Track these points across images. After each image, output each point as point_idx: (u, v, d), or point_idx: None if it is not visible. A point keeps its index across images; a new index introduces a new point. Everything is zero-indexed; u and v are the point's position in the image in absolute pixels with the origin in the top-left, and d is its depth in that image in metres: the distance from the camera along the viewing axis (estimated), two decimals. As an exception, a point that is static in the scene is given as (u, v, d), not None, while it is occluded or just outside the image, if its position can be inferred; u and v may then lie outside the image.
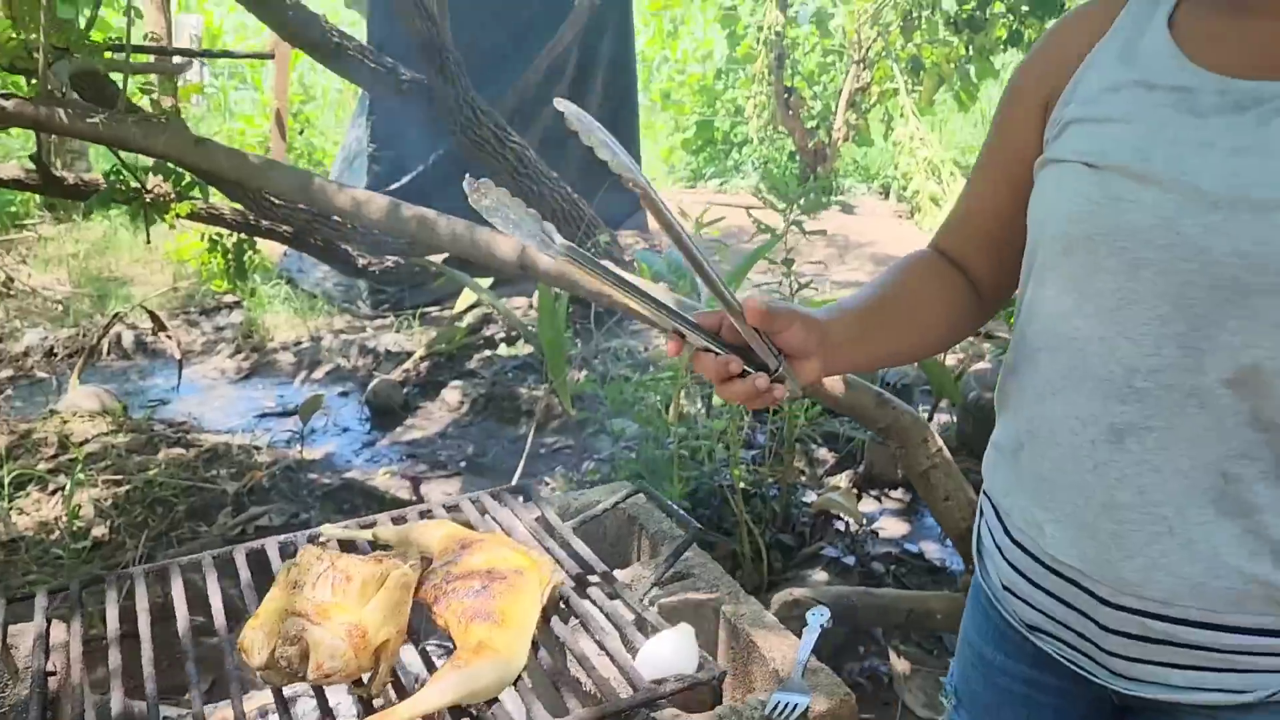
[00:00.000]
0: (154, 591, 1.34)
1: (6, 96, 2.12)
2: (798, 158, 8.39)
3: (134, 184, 2.72)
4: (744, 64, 8.82)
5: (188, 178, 3.05)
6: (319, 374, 4.68)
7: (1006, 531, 1.03)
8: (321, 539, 1.20)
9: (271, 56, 5.88)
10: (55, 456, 3.68)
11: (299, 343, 4.96)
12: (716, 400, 2.89)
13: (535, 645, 0.99)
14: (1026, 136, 0.99)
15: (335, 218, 3.13)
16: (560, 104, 0.81)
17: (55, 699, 1.12)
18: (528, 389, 4.24)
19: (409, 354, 4.69)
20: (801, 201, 2.72)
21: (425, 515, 1.29)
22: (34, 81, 2.15)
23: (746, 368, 0.89)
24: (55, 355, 4.76)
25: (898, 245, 6.64)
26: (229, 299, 5.51)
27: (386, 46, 4.50)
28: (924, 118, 8.15)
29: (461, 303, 4.92)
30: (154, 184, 2.74)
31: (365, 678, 0.97)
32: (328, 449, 3.93)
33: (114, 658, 1.09)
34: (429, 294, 5.24)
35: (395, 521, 1.26)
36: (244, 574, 1.24)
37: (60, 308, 5.42)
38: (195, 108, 8.64)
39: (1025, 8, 7.20)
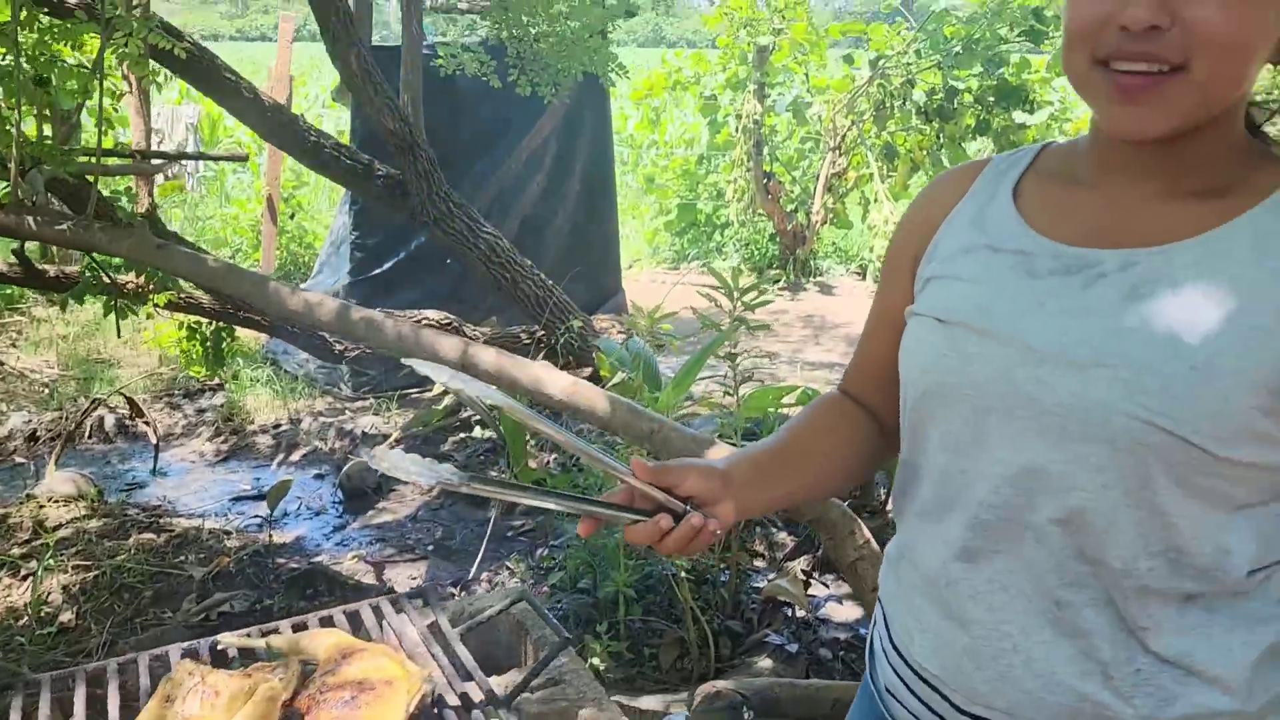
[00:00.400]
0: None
1: (-21, 205, 2.27)
2: (778, 239, 8.58)
3: (107, 279, 2.84)
4: (725, 150, 9.08)
5: (164, 271, 3.18)
6: (296, 456, 4.75)
7: (890, 636, 1.09)
8: (219, 647, 1.28)
9: (245, 159, 6.07)
10: (29, 541, 3.75)
11: (278, 425, 5.05)
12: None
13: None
14: (904, 289, 1.08)
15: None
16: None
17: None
18: (499, 471, 4.32)
19: (386, 436, 4.78)
20: (747, 297, 2.84)
21: (326, 623, 1.36)
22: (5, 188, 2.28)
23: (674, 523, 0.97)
24: (38, 439, 4.84)
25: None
26: (213, 382, 5.61)
27: (371, 140, 4.69)
28: (898, 202, 8.37)
29: (440, 386, 5.03)
30: (127, 279, 2.86)
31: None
32: (298, 533, 4.00)
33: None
34: (409, 377, 5.35)
35: (296, 629, 1.34)
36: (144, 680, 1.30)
37: (46, 390, 5.52)
38: (193, 192, 8.86)
39: (991, 99, 7.47)
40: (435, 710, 1.14)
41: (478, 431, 4.74)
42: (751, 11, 7.74)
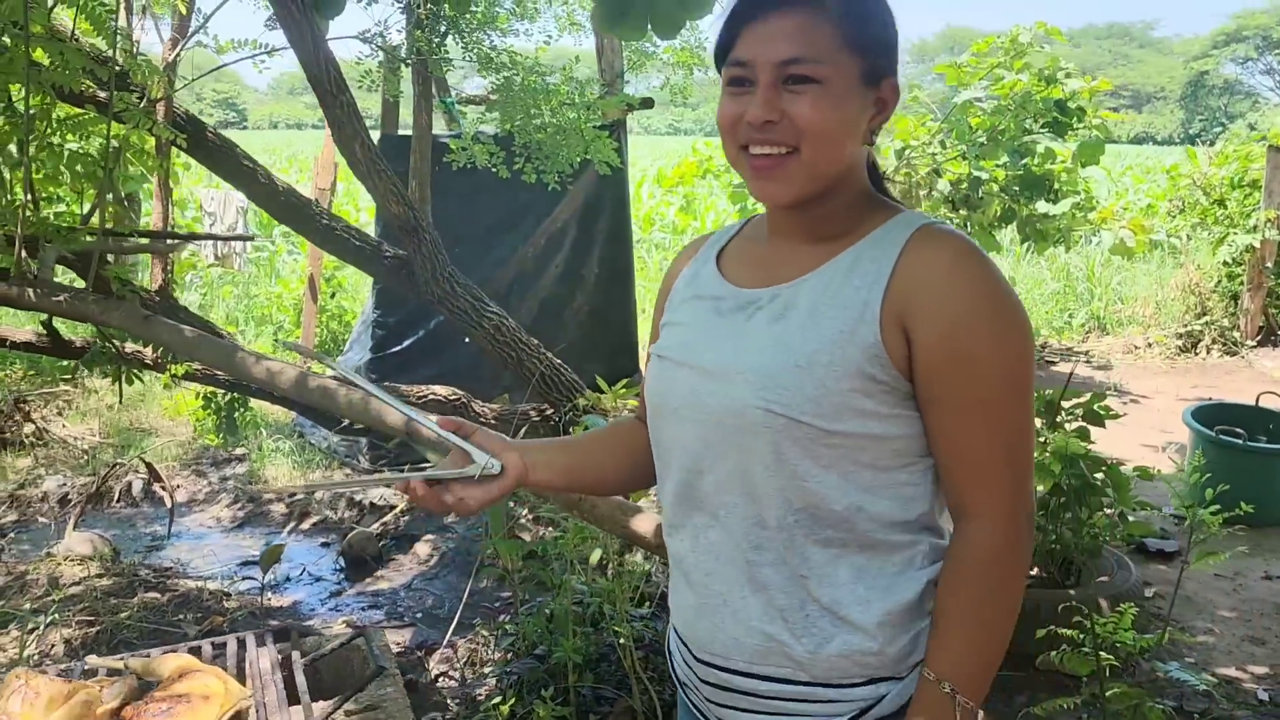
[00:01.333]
0: None
1: (-16, 279, 2.50)
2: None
3: (114, 349, 3.07)
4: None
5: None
6: (306, 525, 4.93)
7: (671, 613, 1.35)
8: (85, 668, 1.42)
9: (251, 239, 6.38)
10: (42, 597, 3.95)
11: (293, 495, 5.25)
12: (588, 560, 3.05)
13: (212, 756, 1.19)
14: (658, 335, 1.36)
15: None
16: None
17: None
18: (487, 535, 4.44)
19: (393, 507, 4.94)
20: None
21: (195, 652, 1.50)
22: (11, 261, 2.52)
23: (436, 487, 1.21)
24: (68, 501, 5.10)
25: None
26: (239, 451, 5.86)
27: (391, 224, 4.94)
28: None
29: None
30: (132, 349, 3.08)
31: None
32: (296, 597, 4.14)
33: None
34: (419, 453, 5.51)
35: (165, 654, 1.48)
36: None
37: (86, 456, 5.81)
38: (242, 271, 9.29)
39: (1016, 188, 7.56)
40: None
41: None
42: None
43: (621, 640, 2.65)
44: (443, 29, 4.05)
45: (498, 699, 2.81)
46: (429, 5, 3.81)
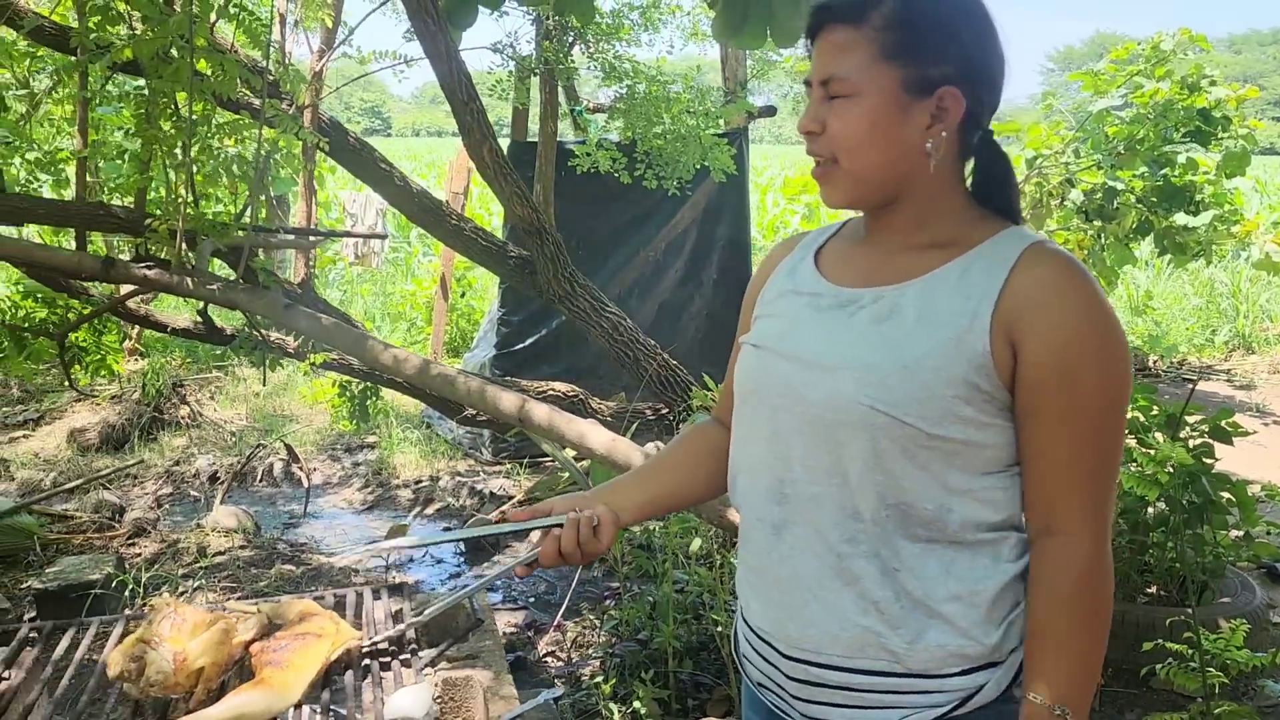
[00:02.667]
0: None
1: (150, 266, 2.76)
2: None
3: (259, 336, 3.33)
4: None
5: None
6: (430, 510, 5.17)
7: (741, 611, 1.36)
8: (228, 610, 1.59)
9: (385, 236, 6.67)
10: (191, 564, 4.28)
11: (419, 482, 5.51)
12: (693, 548, 3.13)
13: (325, 685, 1.33)
14: (749, 327, 1.40)
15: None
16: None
17: None
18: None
19: (510, 497, 5.13)
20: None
21: (317, 599, 1.66)
22: (173, 252, 2.79)
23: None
24: (218, 478, 5.48)
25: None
26: (370, 439, 6.18)
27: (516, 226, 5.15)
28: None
29: (568, 454, 5.36)
30: (276, 337, 3.34)
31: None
32: (418, 576, 4.37)
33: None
34: (540, 447, 5.70)
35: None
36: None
37: (233, 438, 6.23)
38: (380, 270, 9.74)
39: (1154, 199, 7.30)
40: (369, 660, 1.42)
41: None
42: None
43: (720, 629, 2.73)
44: (570, 40, 4.22)
45: (600, 678, 2.93)
46: (556, 17, 3.98)
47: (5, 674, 1.52)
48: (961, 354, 1.14)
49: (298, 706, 1.34)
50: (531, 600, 4.13)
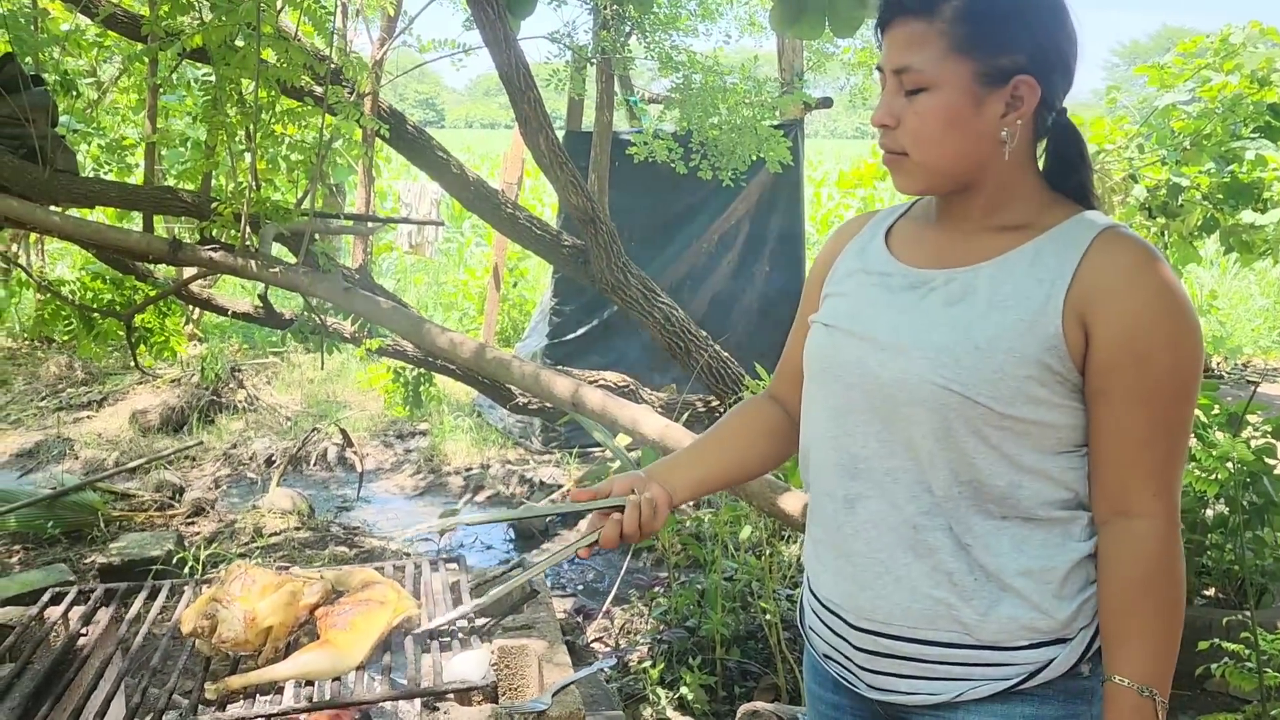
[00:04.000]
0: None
1: (215, 249, 2.83)
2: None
3: (318, 320, 3.39)
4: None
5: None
6: (480, 497, 5.23)
7: (809, 583, 1.38)
8: (295, 576, 1.63)
9: (441, 224, 6.73)
10: (248, 543, 4.38)
11: (470, 469, 5.57)
12: (742, 537, 3.13)
13: (387, 647, 1.37)
14: (815, 305, 1.41)
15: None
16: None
17: None
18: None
19: (560, 486, 5.17)
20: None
21: (378, 569, 1.70)
22: (237, 235, 2.85)
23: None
24: (273, 461, 5.59)
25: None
26: (422, 426, 6.26)
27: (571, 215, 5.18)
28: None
29: (619, 443, 5.38)
30: (333, 322, 3.40)
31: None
32: (469, 561, 4.41)
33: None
34: (590, 437, 5.73)
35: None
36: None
37: (289, 423, 6.35)
38: (435, 259, 9.84)
39: (1220, 196, 7.14)
40: (411, 628, 1.46)
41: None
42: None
43: (769, 618, 2.73)
44: (627, 29, 4.23)
45: (648, 664, 2.95)
46: (614, 6, 3.99)
47: (83, 630, 1.58)
48: (1034, 336, 1.15)
49: (360, 668, 1.38)
50: (580, 588, 4.16)
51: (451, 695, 1.33)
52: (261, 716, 1.26)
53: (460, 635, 1.48)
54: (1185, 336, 1.15)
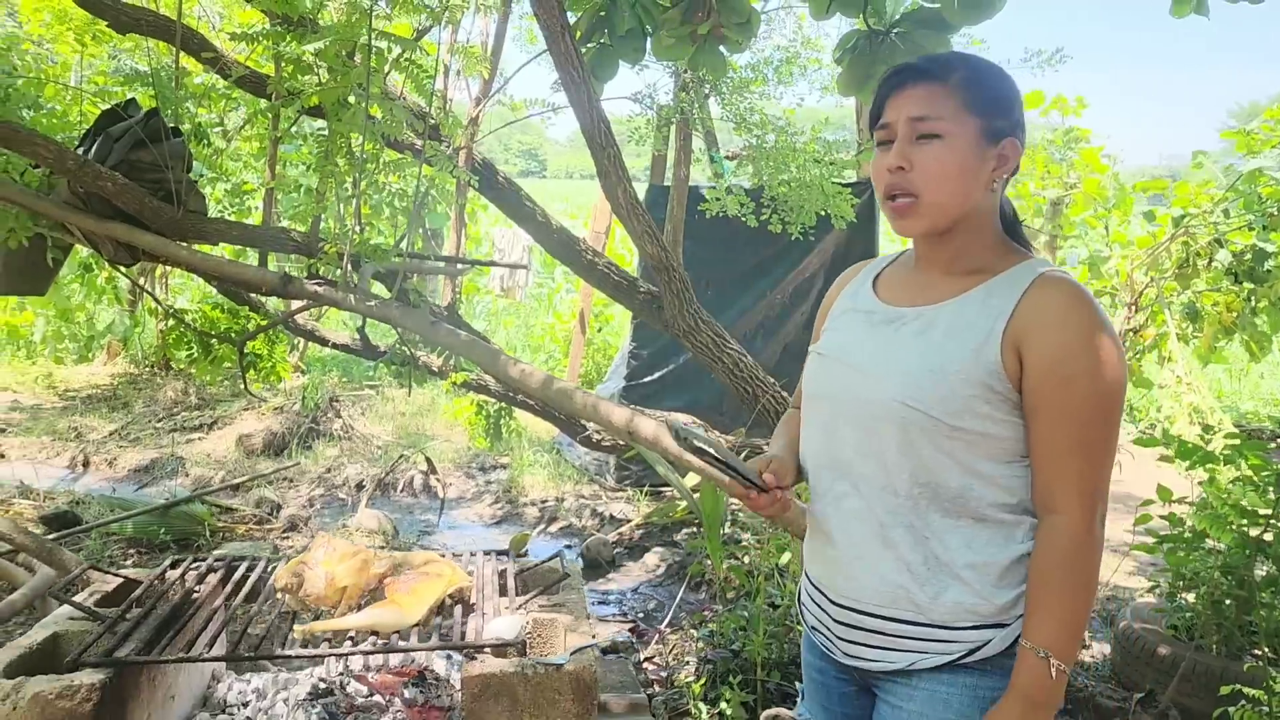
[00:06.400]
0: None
1: (320, 284, 3.18)
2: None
3: (408, 353, 3.72)
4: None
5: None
6: (554, 528, 5.50)
7: (805, 567, 1.66)
8: (369, 548, 1.92)
9: (525, 267, 7.07)
10: (336, 558, 4.71)
11: (545, 501, 5.85)
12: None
13: (440, 612, 1.62)
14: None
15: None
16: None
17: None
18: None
19: (628, 521, 5.41)
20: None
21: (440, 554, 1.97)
22: (339, 272, 3.20)
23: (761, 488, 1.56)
24: (363, 486, 5.96)
25: (1146, 488, 6.49)
26: (503, 460, 6.57)
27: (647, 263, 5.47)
28: (1205, 366, 8.00)
29: (687, 483, 5.60)
30: (423, 355, 3.72)
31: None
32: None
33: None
34: (659, 476, 5.97)
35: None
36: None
37: (379, 451, 6.74)
38: (525, 302, 10.25)
39: (1306, 262, 7.06)
40: (463, 598, 1.71)
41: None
42: (1046, 166, 7.91)
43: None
44: (705, 91, 4.52)
45: (692, 680, 3.15)
46: (691, 71, 4.28)
47: (196, 587, 1.89)
48: (978, 361, 1.40)
49: (418, 625, 1.65)
50: (640, 616, 4.37)
51: (489, 649, 1.59)
52: (337, 654, 1.53)
53: (501, 605, 1.74)
54: (1107, 367, 1.37)
